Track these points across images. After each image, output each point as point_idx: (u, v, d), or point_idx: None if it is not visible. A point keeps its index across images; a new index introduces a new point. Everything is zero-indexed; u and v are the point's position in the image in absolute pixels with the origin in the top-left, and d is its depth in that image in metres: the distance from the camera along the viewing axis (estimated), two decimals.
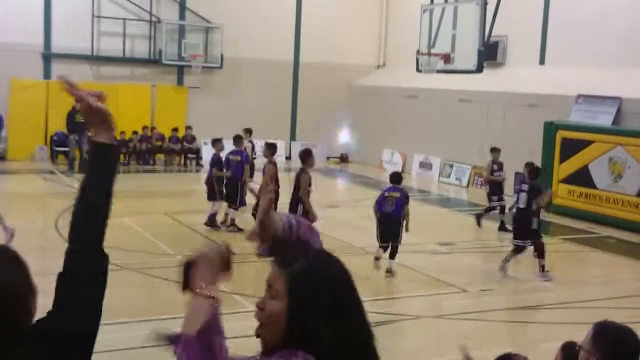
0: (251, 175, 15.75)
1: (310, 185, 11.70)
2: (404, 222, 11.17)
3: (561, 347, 3.75)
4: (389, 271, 11.18)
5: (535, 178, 11.79)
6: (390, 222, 11.24)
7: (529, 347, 8.10)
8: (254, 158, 16.61)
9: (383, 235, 11.36)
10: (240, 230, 13.52)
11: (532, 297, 10.71)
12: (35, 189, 18.74)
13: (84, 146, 21.45)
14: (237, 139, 14.99)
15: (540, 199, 11.45)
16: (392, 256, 11.22)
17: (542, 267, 11.41)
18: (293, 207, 11.67)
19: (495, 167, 15.56)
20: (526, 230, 11.41)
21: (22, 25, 22.57)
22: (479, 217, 15.41)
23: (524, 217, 11.43)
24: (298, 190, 11.63)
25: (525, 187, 11.70)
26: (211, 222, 14.18)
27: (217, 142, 14.79)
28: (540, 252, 11.41)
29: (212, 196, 14.39)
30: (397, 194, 11.38)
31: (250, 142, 16.71)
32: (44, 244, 12.51)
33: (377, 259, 11.18)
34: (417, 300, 10.15)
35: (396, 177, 11.84)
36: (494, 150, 15.66)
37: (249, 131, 17.05)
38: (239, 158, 14.37)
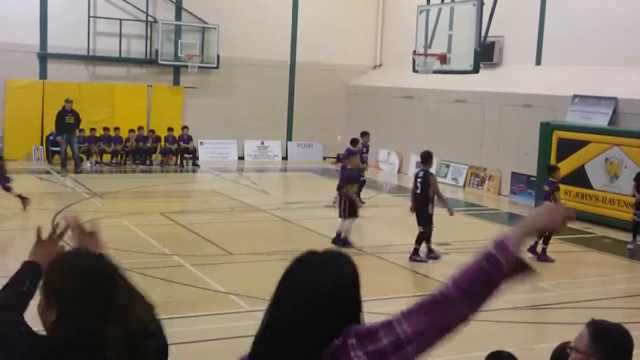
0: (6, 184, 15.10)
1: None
2: None
3: (554, 349, 3.75)
4: None
5: None
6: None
7: (526, 347, 8.11)
8: None
9: None
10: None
11: (528, 297, 10.71)
12: (31, 189, 18.69)
13: (74, 146, 21.67)
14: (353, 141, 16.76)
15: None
16: None
17: None
18: (424, 207, 12.24)
19: (365, 149, 17.94)
20: None
21: (18, 26, 22.54)
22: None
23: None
24: (427, 191, 12.22)
25: None
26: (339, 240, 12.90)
27: (352, 156, 13.46)
28: None
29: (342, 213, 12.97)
30: None
31: None
32: None
33: None
34: (414, 300, 10.14)
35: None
36: (364, 135, 18.06)
37: None
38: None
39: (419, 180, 12.40)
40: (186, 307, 9.16)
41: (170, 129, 23.68)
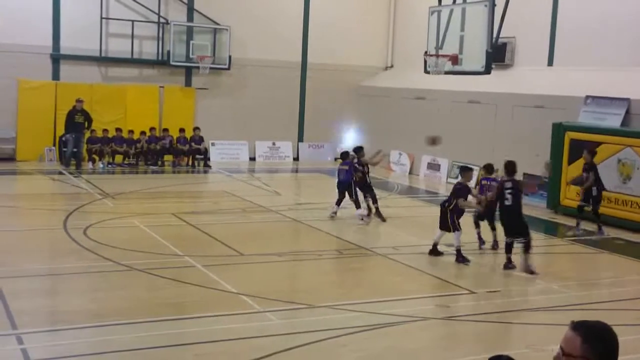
0: None
1: None
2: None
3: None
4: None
5: None
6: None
7: (537, 348, 8.08)
8: None
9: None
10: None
11: (540, 298, 10.68)
12: (44, 190, 18.81)
13: (80, 145, 22.12)
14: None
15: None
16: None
17: None
18: (519, 216, 12.11)
19: (366, 168, 16.38)
20: None
21: (31, 27, 22.69)
22: (372, 210, 16.31)
23: None
24: (520, 200, 12.14)
25: None
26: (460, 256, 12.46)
27: (466, 171, 13.45)
28: None
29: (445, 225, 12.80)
30: (346, 167, 15.98)
31: None
32: (53, 245, 12.56)
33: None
34: (426, 302, 10.13)
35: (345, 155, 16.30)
36: (359, 149, 16.52)
37: None
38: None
39: (509, 190, 11.87)
40: (197, 307, 9.18)
41: (182, 130, 23.77)
